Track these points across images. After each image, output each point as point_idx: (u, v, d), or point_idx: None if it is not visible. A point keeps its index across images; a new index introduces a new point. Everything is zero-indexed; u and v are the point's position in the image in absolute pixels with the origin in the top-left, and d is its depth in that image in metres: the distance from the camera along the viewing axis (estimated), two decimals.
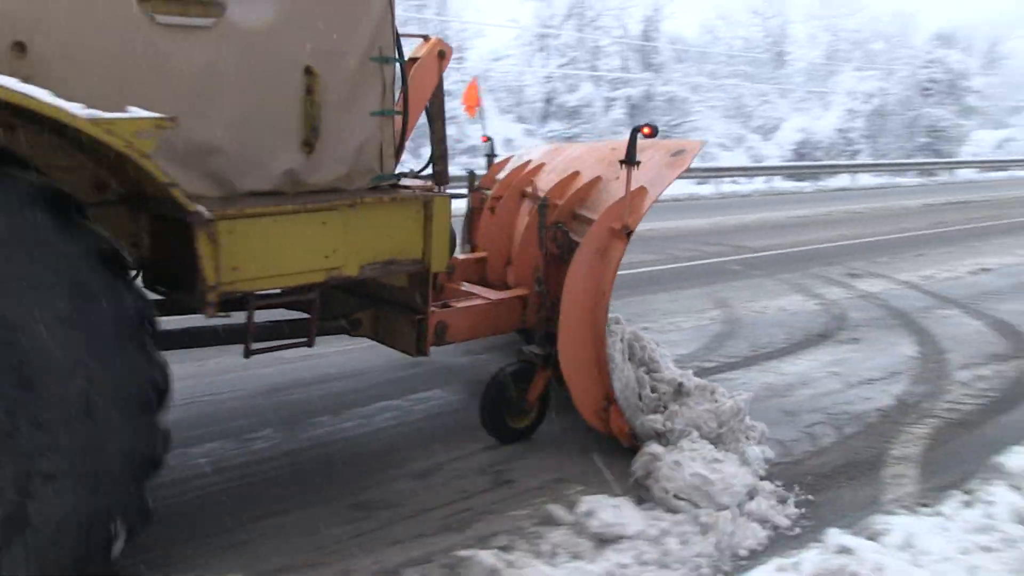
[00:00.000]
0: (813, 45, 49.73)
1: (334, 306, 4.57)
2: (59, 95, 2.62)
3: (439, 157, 4.52)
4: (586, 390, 4.50)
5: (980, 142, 43.83)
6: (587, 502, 3.83)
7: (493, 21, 38.19)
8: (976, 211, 19.49)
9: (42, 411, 2.58)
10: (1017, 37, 56.52)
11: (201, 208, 3.02)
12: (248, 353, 3.69)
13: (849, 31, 50.28)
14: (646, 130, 4.49)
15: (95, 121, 2.66)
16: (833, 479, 4.41)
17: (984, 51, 54.77)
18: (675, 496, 3.97)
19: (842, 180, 28.50)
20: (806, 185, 27.10)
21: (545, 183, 5.45)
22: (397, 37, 4.00)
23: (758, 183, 25.96)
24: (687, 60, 43.48)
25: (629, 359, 4.66)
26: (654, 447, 4.24)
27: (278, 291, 3.65)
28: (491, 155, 6.83)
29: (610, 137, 28.58)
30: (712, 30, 48.45)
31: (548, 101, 34.05)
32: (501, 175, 6.28)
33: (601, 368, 4.48)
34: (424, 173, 4.63)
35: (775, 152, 34.29)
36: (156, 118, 2.85)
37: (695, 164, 5.60)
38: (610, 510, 3.76)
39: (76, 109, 2.61)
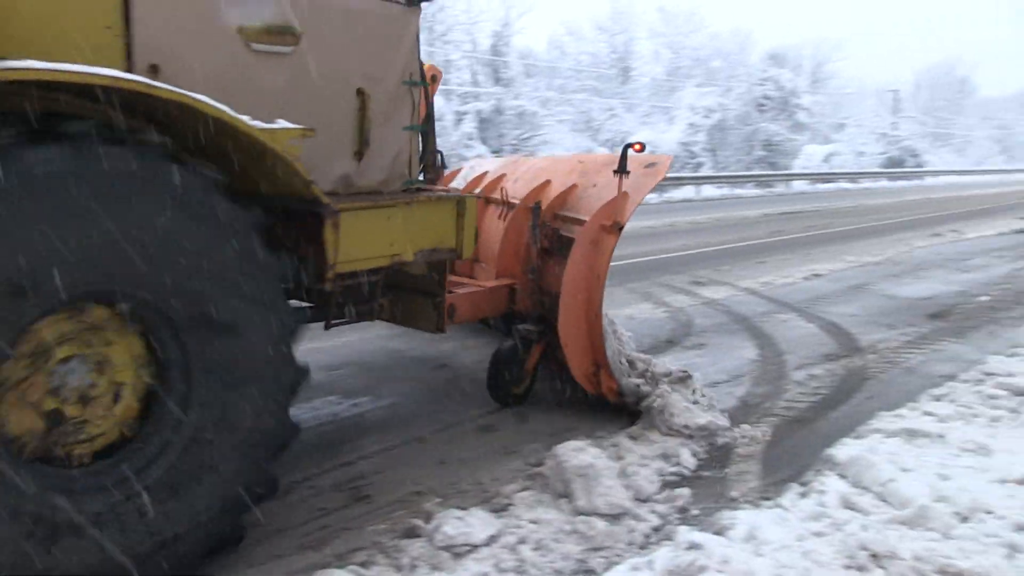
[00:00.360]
0: (657, 61, 51.75)
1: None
2: None
3: (431, 165, 5.26)
4: (580, 357, 5.19)
5: (810, 156, 46.65)
6: (437, 516, 3.85)
7: None
8: (809, 220, 20.75)
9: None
10: (839, 59, 60.58)
11: (331, 202, 3.75)
12: (328, 326, 4.59)
13: (691, 49, 52.63)
14: (637, 147, 5.22)
15: (263, 131, 3.28)
16: (684, 479, 4.57)
17: (811, 71, 58.45)
18: (560, 478, 4.21)
19: (687, 192, 29.38)
20: (652, 197, 27.85)
21: (514, 190, 6.14)
22: (421, 65, 4.68)
23: None
24: (536, 75, 44.40)
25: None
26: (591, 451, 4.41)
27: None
28: (442, 166, 7.01)
29: (462, 151, 28.81)
30: (560, 46, 49.70)
31: None
32: (455, 184, 6.96)
33: (593, 339, 5.17)
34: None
35: None
36: (302, 128, 3.49)
37: None
38: (456, 521, 3.77)
39: (247, 120, 3.22)
